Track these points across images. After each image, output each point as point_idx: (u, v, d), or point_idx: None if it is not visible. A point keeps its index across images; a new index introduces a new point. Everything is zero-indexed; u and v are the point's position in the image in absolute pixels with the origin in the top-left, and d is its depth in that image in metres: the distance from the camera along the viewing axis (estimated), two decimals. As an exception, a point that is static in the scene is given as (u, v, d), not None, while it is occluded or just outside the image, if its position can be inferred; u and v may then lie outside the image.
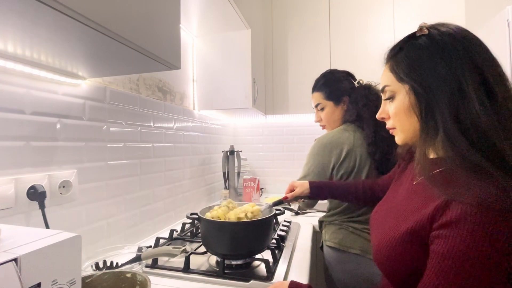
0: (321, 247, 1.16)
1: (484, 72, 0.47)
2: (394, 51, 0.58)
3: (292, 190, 1.03)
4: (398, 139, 0.61)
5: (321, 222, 1.21)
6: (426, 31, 0.54)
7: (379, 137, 1.03)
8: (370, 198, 0.97)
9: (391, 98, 0.59)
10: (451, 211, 0.43)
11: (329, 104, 1.19)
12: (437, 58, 0.50)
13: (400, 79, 0.56)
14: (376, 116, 0.65)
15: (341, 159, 1.07)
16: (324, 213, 1.20)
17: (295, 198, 1.03)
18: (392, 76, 0.57)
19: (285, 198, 1.02)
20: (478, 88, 0.46)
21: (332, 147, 1.08)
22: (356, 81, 1.18)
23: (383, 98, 0.62)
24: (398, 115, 0.58)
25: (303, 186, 1.01)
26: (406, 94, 0.55)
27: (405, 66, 0.55)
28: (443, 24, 0.54)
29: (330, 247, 1.08)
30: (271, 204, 0.96)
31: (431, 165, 0.51)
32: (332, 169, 1.08)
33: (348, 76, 1.22)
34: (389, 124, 0.63)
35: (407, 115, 0.55)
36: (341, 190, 1.01)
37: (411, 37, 0.56)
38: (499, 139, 0.44)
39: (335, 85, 1.19)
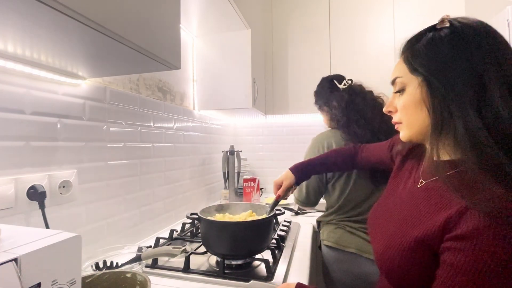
0: (319, 247, 1.17)
1: (506, 69, 0.45)
2: (412, 42, 0.55)
3: (278, 186, 1.03)
4: (403, 135, 0.58)
5: (319, 222, 1.22)
6: (448, 24, 0.51)
7: (368, 138, 1.07)
8: (351, 166, 1.03)
9: (401, 91, 0.56)
10: (467, 222, 0.40)
11: (322, 113, 1.30)
12: (459, 51, 0.47)
13: (413, 70, 0.52)
14: (383, 109, 0.63)
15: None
16: (322, 213, 1.21)
17: (287, 191, 1.03)
18: (405, 67, 0.54)
19: (278, 196, 1.01)
20: (500, 85, 0.44)
21: (319, 143, 1.16)
22: (343, 83, 1.19)
23: (393, 91, 0.59)
24: (406, 109, 0.54)
25: (288, 177, 1.02)
26: (417, 86, 0.52)
27: (423, 57, 0.51)
28: (465, 18, 0.51)
29: (327, 246, 1.10)
30: (270, 208, 0.95)
31: (445, 166, 0.48)
32: None
33: (332, 81, 1.23)
34: (395, 118, 0.59)
35: (417, 108, 0.52)
36: (321, 163, 1.05)
37: (431, 29, 0.53)
38: None
39: (320, 95, 1.28)
